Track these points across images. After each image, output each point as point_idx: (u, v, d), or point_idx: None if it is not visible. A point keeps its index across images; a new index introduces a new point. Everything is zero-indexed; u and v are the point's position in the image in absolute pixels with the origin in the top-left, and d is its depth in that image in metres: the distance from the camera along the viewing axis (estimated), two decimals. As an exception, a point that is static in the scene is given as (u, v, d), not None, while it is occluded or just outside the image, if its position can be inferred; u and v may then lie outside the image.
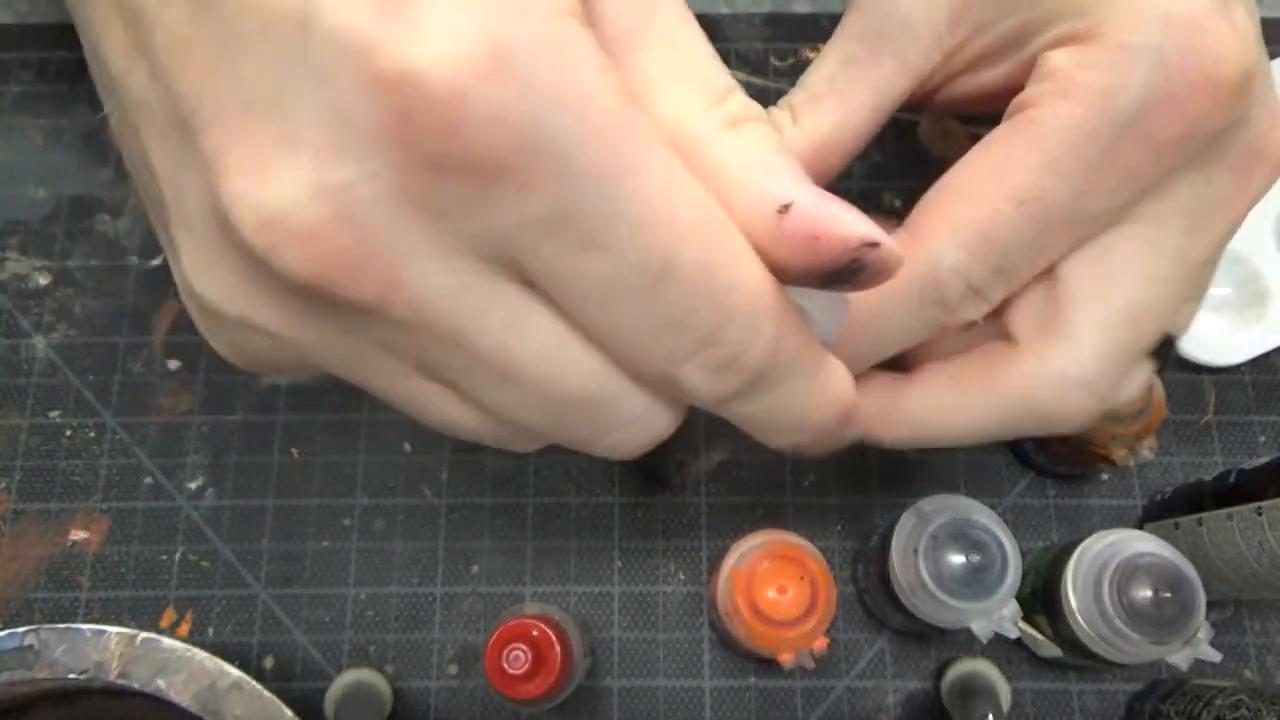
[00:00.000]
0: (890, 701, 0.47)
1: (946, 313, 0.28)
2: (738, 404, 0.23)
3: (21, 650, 0.38)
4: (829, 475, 0.51)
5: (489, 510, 0.50)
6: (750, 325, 0.21)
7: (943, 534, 0.40)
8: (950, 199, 0.28)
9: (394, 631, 0.49)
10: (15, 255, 0.55)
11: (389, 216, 0.18)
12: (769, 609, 0.40)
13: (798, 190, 0.21)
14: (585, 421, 0.23)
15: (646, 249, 0.19)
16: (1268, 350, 0.50)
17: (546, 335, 0.21)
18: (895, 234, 0.28)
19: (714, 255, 0.20)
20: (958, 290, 0.27)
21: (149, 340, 0.53)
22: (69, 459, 0.51)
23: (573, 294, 0.20)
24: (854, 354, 0.27)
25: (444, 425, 0.24)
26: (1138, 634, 0.39)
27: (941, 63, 0.30)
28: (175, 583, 0.49)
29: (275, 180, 0.18)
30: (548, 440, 0.25)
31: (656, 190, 0.19)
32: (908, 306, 0.28)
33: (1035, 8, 0.29)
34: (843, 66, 0.31)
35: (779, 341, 0.21)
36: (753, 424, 0.25)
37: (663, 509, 0.50)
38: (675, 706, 0.47)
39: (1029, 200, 0.26)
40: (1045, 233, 0.27)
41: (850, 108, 0.30)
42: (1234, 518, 0.41)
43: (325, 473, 0.51)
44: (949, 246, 0.27)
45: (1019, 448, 0.50)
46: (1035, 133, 0.27)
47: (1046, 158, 0.26)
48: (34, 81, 0.58)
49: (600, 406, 0.23)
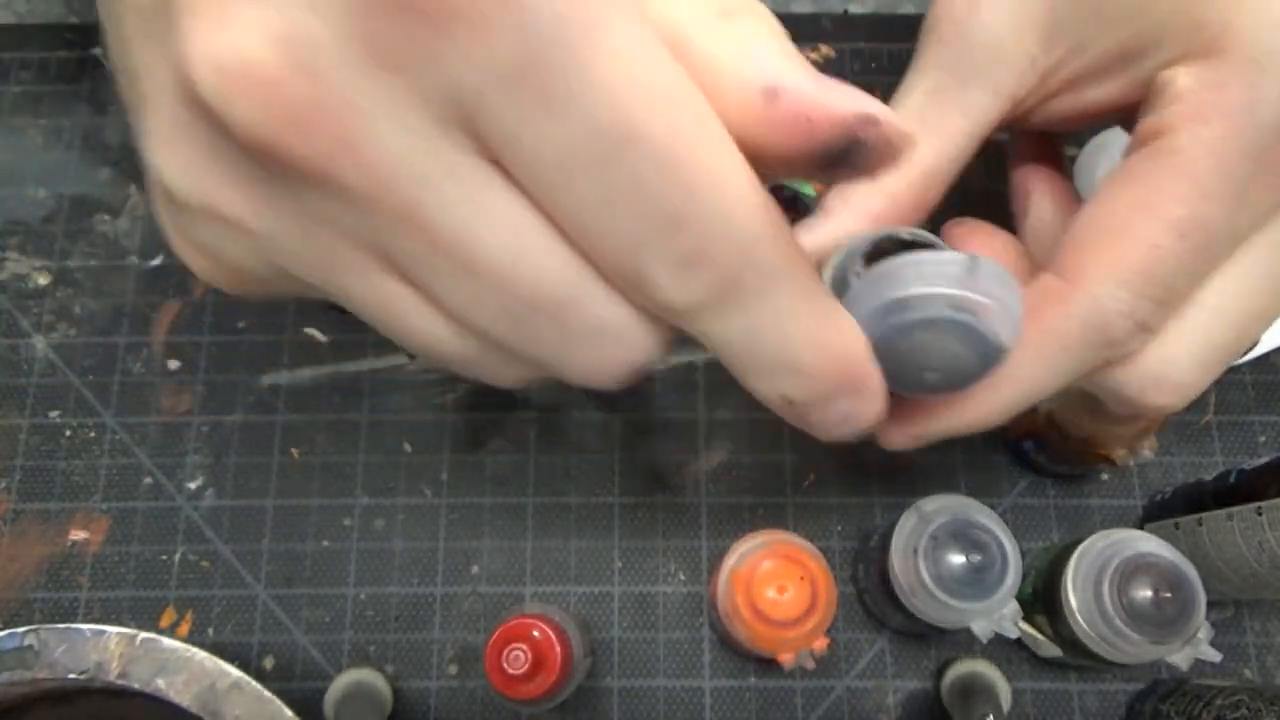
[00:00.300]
0: (890, 701, 0.47)
1: (1112, 350, 0.27)
2: (712, 320, 0.20)
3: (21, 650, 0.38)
4: (829, 475, 0.51)
5: (489, 510, 0.50)
6: (720, 214, 0.19)
7: (943, 534, 0.40)
8: (1102, 238, 0.27)
9: (394, 631, 0.49)
10: (15, 255, 0.55)
11: (345, 67, 0.18)
12: (769, 609, 0.40)
13: (787, 71, 0.19)
14: (553, 328, 0.21)
15: (609, 112, 0.18)
16: (1268, 350, 0.50)
17: (507, 217, 0.19)
18: (1044, 279, 0.28)
19: (682, 130, 0.18)
20: (1125, 330, 0.27)
21: (149, 340, 0.53)
22: (69, 459, 0.51)
23: (532, 164, 0.19)
24: (1010, 397, 0.27)
25: (414, 340, 0.22)
26: (1138, 634, 0.39)
27: (1038, 84, 0.30)
28: (175, 583, 0.49)
29: (234, 27, 0.18)
30: (521, 361, 0.22)
31: (624, 49, 0.18)
32: (1068, 349, 0.27)
33: (1140, 23, 0.28)
34: (930, 98, 0.30)
35: (756, 241, 0.19)
36: (732, 354, 0.22)
37: (663, 509, 0.50)
38: (675, 706, 0.47)
39: (1189, 232, 0.26)
40: (1206, 259, 0.27)
41: (946, 138, 0.30)
42: (1234, 518, 0.41)
43: (325, 473, 0.51)
44: (1110, 288, 0.26)
45: (1019, 447, 0.50)
46: (1181, 161, 0.26)
47: (1199, 187, 0.26)
48: (34, 81, 0.58)
49: (568, 308, 0.21)
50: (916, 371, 0.27)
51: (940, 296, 0.26)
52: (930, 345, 0.27)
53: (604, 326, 0.21)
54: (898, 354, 0.27)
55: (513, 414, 0.52)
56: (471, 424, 0.52)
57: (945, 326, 0.26)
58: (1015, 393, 0.28)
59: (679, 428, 0.52)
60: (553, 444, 0.51)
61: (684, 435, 0.51)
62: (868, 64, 0.58)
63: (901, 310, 0.26)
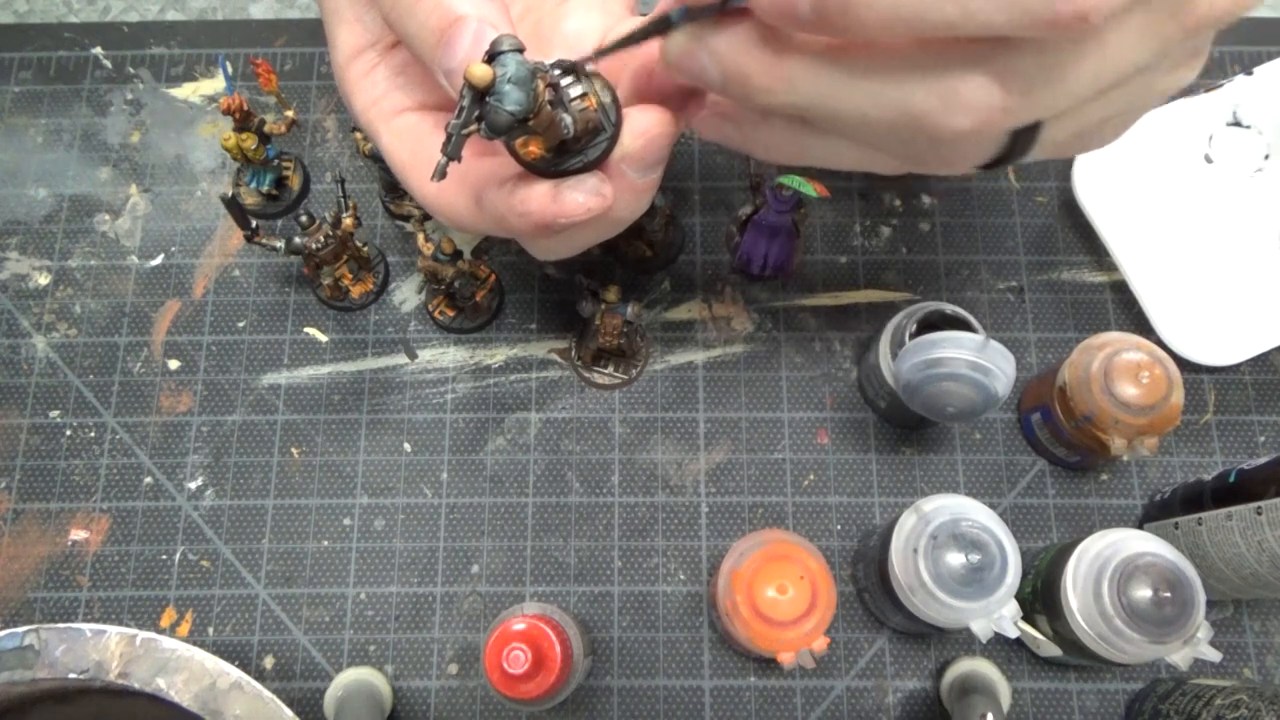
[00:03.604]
0: (890, 701, 0.47)
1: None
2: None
3: (21, 650, 0.38)
4: (829, 475, 0.51)
5: (489, 510, 0.50)
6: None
7: (943, 534, 0.40)
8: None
9: (394, 631, 0.49)
10: (15, 255, 0.55)
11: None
12: (769, 609, 0.40)
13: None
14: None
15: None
16: (1267, 350, 0.50)
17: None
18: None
19: None
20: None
21: (149, 340, 0.53)
22: (69, 459, 0.51)
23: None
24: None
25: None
26: (1138, 634, 0.39)
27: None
28: (175, 582, 0.49)
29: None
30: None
31: None
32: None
33: None
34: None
35: None
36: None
37: (663, 509, 0.50)
38: (675, 706, 0.47)
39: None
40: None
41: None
42: (1234, 517, 0.41)
43: (325, 473, 0.51)
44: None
45: (1027, 420, 0.50)
46: None
47: None
48: (34, 81, 0.58)
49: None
50: (941, 406, 0.43)
51: (963, 360, 0.41)
52: (953, 390, 0.42)
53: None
54: (931, 393, 0.43)
55: (513, 414, 0.52)
56: (471, 424, 0.52)
57: (964, 380, 0.41)
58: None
59: (679, 428, 0.52)
60: (553, 444, 0.51)
61: (684, 435, 0.52)
62: (867, 64, 0.57)
63: (938, 366, 0.42)
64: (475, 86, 0.25)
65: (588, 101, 0.28)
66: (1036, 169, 0.56)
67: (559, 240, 0.32)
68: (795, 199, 0.48)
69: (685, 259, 0.55)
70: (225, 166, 0.57)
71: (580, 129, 0.28)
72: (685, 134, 0.56)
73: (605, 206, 0.29)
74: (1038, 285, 0.54)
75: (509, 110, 0.25)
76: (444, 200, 0.33)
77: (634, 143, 0.29)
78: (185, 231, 0.55)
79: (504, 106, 0.25)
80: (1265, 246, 0.52)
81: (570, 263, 0.54)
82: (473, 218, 0.32)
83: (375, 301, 0.54)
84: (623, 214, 0.31)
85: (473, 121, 0.26)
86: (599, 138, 0.29)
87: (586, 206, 0.29)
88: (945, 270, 0.54)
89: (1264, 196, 0.53)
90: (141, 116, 0.58)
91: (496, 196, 0.30)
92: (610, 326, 0.48)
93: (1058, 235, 0.55)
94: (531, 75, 0.25)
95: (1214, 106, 0.54)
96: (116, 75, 0.58)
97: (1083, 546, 0.42)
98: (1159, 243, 0.52)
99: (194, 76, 0.58)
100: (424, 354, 0.53)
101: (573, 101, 0.28)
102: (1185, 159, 0.54)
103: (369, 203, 0.56)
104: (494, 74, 0.25)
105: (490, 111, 0.25)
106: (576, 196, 0.29)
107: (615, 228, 0.33)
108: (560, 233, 0.30)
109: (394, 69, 0.34)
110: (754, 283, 0.54)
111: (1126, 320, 0.53)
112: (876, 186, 0.56)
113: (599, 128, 0.29)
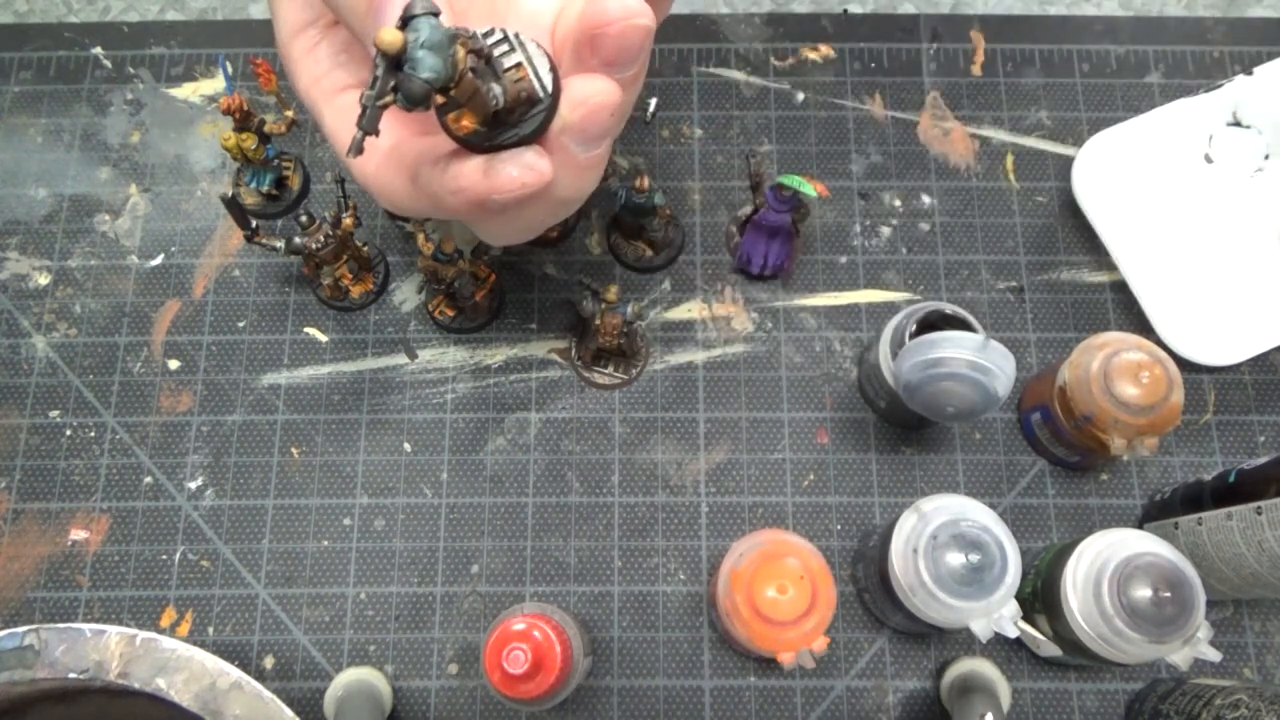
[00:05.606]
0: (890, 701, 0.47)
1: None
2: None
3: (21, 650, 0.38)
4: (829, 475, 0.51)
5: (489, 510, 0.50)
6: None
7: (943, 534, 0.40)
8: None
9: (394, 631, 0.49)
10: (15, 255, 0.55)
11: None
12: (769, 609, 0.40)
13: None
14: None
15: None
16: (1267, 350, 0.50)
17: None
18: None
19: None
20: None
21: (149, 340, 0.53)
22: (69, 459, 0.51)
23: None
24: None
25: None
26: (1138, 634, 0.39)
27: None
28: (175, 582, 0.49)
29: None
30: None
31: None
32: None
33: None
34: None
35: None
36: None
37: (663, 509, 0.50)
38: (675, 706, 0.47)
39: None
40: None
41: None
42: (1233, 517, 0.41)
43: (325, 473, 0.51)
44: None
45: (1027, 419, 0.50)
46: None
47: None
48: (34, 81, 0.58)
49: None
50: (941, 406, 0.43)
51: (963, 360, 0.40)
52: (953, 390, 0.41)
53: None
54: (931, 393, 0.42)
55: (513, 414, 0.52)
56: (471, 424, 0.52)
57: (964, 380, 0.41)
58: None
59: (679, 428, 0.52)
60: (553, 444, 0.51)
61: (684, 435, 0.52)
62: (868, 64, 0.58)
63: (938, 365, 0.41)
64: (386, 53, 0.23)
65: (521, 72, 0.27)
66: (1037, 169, 0.56)
67: (503, 222, 0.31)
68: (795, 199, 0.48)
69: (685, 259, 0.55)
70: (225, 166, 0.57)
71: (512, 100, 0.26)
72: (685, 134, 0.56)
73: (543, 182, 0.28)
74: (1038, 285, 0.54)
75: (423, 78, 0.24)
76: (382, 180, 0.32)
77: (573, 114, 0.28)
78: (185, 231, 0.55)
79: (418, 74, 0.24)
80: (1265, 246, 0.52)
81: (570, 262, 0.54)
82: (410, 198, 0.31)
83: (375, 301, 0.54)
84: (567, 192, 0.30)
85: (388, 92, 0.24)
86: (534, 109, 0.27)
87: (521, 181, 0.28)
88: (945, 270, 0.54)
89: (1264, 196, 0.53)
90: (141, 116, 0.58)
91: (430, 174, 0.29)
92: (610, 326, 0.48)
93: (1058, 235, 0.55)
94: (449, 41, 0.24)
95: (1214, 106, 0.54)
96: (116, 75, 0.58)
97: (1083, 546, 0.42)
98: (1159, 242, 0.52)
99: (194, 76, 0.58)
100: (424, 354, 0.53)
101: (506, 72, 0.26)
102: (1185, 159, 0.54)
103: (369, 203, 0.56)
104: (404, 39, 0.23)
105: (405, 80, 0.24)
106: (510, 170, 0.28)
107: (563, 208, 0.31)
108: (502, 212, 0.29)
109: (336, 47, 0.34)
110: (754, 283, 0.54)
111: (1126, 320, 0.53)
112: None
113: (533, 98, 0.27)
